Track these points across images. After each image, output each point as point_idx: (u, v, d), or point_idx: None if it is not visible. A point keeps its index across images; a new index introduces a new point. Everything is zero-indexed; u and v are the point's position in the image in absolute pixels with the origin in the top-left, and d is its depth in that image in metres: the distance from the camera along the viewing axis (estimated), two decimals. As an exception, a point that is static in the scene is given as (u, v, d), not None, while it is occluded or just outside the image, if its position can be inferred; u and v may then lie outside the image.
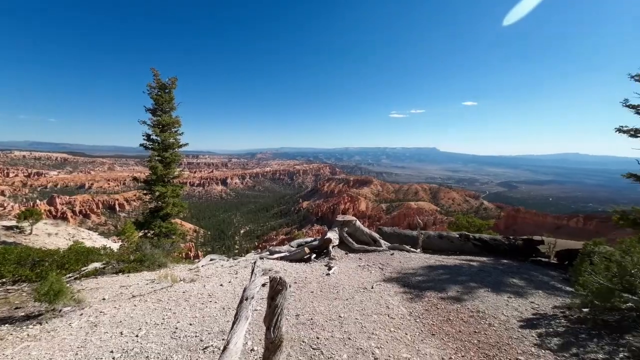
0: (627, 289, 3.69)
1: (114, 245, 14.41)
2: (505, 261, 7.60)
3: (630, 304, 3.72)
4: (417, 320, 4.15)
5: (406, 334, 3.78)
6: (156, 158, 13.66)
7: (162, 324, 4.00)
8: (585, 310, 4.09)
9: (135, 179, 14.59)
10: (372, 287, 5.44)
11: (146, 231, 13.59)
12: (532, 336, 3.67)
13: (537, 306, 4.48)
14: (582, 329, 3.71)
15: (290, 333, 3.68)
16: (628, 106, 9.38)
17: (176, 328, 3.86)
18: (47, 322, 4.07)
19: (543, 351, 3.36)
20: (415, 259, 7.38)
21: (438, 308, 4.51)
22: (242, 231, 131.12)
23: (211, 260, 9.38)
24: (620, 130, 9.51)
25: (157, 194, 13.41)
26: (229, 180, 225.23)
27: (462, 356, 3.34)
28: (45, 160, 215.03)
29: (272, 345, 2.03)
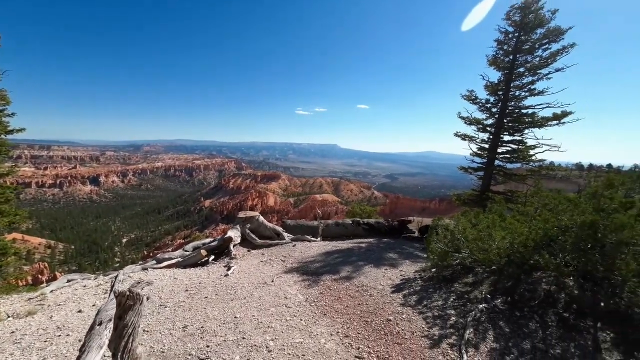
0: (456, 250, 5.04)
1: None
2: (385, 240, 9.09)
3: (458, 260, 5.10)
4: (312, 305, 4.43)
5: (301, 319, 3.97)
6: (-38, 148, 9.38)
7: (-36, 385, 2.78)
8: (433, 270, 5.36)
9: None
10: (273, 281, 5.46)
11: (-53, 255, 9.23)
12: (400, 298, 4.52)
13: (404, 273, 5.56)
14: (430, 285, 4.84)
15: (174, 349, 3.24)
16: (460, 117, 12.83)
17: (-8, 385, 2.76)
18: None
19: (406, 308, 4.19)
20: (315, 247, 7.87)
21: (331, 289, 4.95)
22: (124, 240, 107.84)
23: (68, 281, 7.21)
24: (456, 134, 12.94)
25: (-34, 200, 9.27)
26: (102, 178, 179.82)
27: (347, 327, 3.78)
28: None
29: (125, 373, 1.68)
